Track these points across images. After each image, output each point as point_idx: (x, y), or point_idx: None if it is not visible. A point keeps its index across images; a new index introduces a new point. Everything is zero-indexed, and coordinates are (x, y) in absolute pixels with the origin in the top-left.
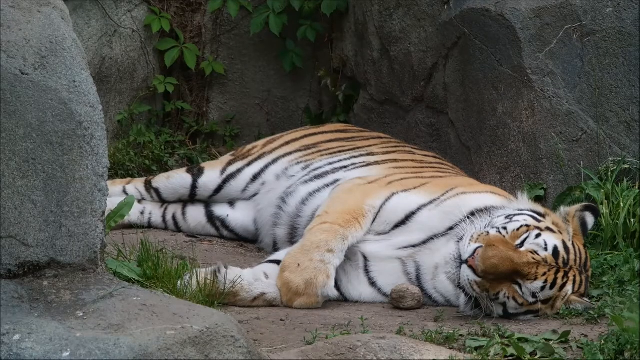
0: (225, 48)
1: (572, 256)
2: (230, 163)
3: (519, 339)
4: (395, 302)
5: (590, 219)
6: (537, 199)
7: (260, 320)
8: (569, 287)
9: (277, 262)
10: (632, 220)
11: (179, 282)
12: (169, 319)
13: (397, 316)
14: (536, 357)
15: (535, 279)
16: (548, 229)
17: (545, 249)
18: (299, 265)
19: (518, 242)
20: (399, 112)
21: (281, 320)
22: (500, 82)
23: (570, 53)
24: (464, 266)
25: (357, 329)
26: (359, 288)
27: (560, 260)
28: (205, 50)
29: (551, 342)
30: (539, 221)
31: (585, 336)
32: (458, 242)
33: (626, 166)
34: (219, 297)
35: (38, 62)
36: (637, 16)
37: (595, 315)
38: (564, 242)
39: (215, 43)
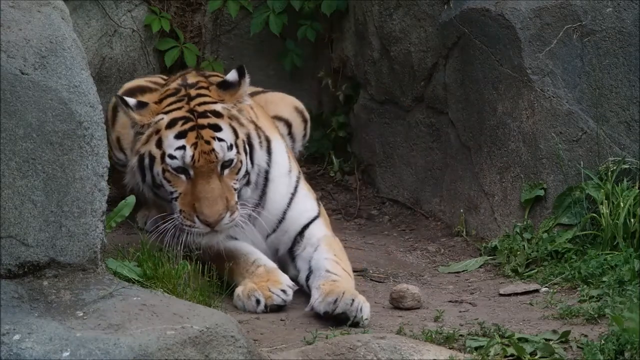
0: (225, 48)
1: None
2: None
3: (519, 339)
4: (395, 302)
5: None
6: (537, 199)
7: (260, 320)
8: None
9: None
10: (632, 220)
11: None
12: (169, 319)
13: (397, 316)
14: (536, 357)
15: None
16: None
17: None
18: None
19: None
20: (399, 112)
21: (281, 320)
22: (500, 82)
23: (570, 53)
24: None
25: (357, 329)
26: None
27: None
28: (205, 50)
29: (551, 342)
30: None
31: (585, 336)
32: None
33: (626, 166)
34: None
35: (38, 62)
36: (637, 16)
37: (595, 315)
38: None
39: (215, 43)
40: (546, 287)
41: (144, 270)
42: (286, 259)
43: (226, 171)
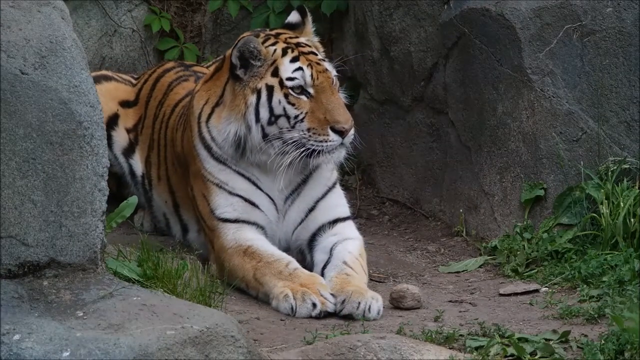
0: (225, 48)
1: None
2: None
3: (519, 339)
4: (395, 302)
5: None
6: (537, 199)
7: (260, 320)
8: None
9: None
10: (632, 220)
11: None
12: (169, 319)
13: (397, 316)
14: (536, 357)
15: None
16: None
17: None
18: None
19: None
20: (399, 112)
21: (281, 320)
22: (500, 82)
23: (570, 53)
24: None
25: (357, 329)
26: None
27: None
28: (205, 50)
29: (551, 342)
30: None
31: (585, 336)
32: None
33: (626, 166)
34: None
35: (38, 62)
36: (637, 16)
37: (595, 315)
38: None
39: (215, 43)
40: (546, 287)
41: (144, 270)
42: (304, 250)
43: (335, 89)
